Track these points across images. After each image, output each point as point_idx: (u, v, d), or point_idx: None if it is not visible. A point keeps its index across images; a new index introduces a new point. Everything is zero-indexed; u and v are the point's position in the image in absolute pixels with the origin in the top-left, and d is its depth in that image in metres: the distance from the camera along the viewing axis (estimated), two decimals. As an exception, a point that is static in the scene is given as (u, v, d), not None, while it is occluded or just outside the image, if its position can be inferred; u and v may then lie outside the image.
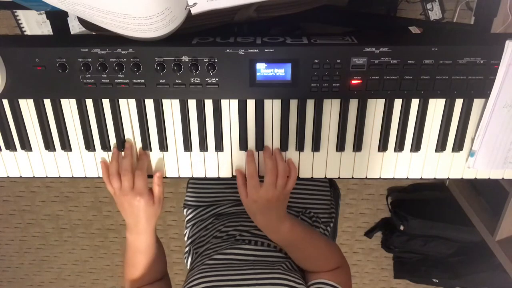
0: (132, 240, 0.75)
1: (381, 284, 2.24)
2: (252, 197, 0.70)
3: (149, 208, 0.72)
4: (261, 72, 0.65)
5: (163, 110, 0.70)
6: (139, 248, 0.76)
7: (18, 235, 2.24)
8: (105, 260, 2.29)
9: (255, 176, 0.71)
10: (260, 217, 0.73)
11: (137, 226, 0.74)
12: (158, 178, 0.73)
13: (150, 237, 0.76)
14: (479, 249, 1.73)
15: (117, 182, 0.71)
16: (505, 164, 0.72)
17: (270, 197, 0.69)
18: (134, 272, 0.78)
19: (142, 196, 0.71)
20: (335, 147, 0.72)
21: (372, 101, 0.68)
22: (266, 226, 0.74)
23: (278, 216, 0.72)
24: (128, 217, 0.74)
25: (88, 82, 0.66)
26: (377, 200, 2.00)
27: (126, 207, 0.72)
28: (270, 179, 0.69)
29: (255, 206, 0.71)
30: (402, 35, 0.82)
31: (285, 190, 0.71)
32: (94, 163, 0.74)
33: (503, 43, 0.62)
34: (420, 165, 0.73)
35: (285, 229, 0.73)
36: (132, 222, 0.74)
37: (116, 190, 0.71)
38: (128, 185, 0.70)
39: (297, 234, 0.75)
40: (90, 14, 0.55)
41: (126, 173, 0.70)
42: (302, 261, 0.78)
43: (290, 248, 0.77)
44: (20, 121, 0.71)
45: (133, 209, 0.72)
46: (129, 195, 0.71)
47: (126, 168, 0.70)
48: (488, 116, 0.68)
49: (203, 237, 0.89)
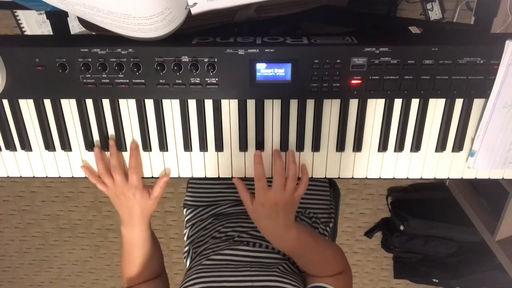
0: (127, 234, 0.76)
1: (381, 284, 2.24)
2: (260, 199, 0.69)
3: (144, 201, 0.73)
4: (261, 72, 0.65)
5: (163, 110, 0.70)
6: (134, 242, 0.76)
7: (18, 235, 2.24)
8: (105, 260, 2.29)
9: (263, 178, 0.69)
10: (267, 222, 0.70)
11: (131, 219, 0.74)
12: (163, 182, 0.74)
13: (145, 231, 0.76)
14: (479, 249, 1.73)
15: (109, 178, 0.71)
16: (505, 164, 0.72)
17: (279, 200, 0.68)
18: (131, 268, 0.79)
19: (137, 189, 0.72)
20: (335, 147, 0.72)
21: (372, 101, 0.68)
22: (272, 232, 0.72)
23: (285, 223, 0.70)
24: (123, 211, 0.74)
25: (88, 82, 0.66)
26: (377, 200, 2.00)
27: (121, 200, 0.73)
28: (279, 180, 0.68)
29: (262, 210, 0.69)
30: (402, 35, 0.82)
31: (294, 195, 0.69)
32: (94, 163, 0.74)
33: (503, 43, 0.62)
34: (420, 165, 0.73)
35: (291, 238, 0.71)
36: (126, 215, 0.74)
37: (109, 185, 0.72)
38: (121, 179, 0.71)
39: (304, 243, 0.73)
40: (90, 14, 0.55)
41: (116, 169, 0.71)
42: (306, 266, 0.77)
43: (294, 254, 0.76)
44: (20, 121, 0.71)
45: (128, 202, 0.72)
46: (124, 188, 0.71)
47: (115, 165, 0.71)
48: (488, 116, 0.68)
49: (202, 237, 0.89)
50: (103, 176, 0.72)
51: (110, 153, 0.72)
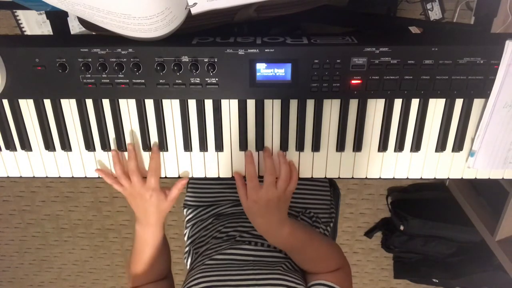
0: (142, 232, 0.76)
1: (381, 284, 2.24)
2: (252, 197, 0.70)
3: (160, 203, 0.74)
4: (261, 72, 0.65)
5: (163, 110, 0.70)
6: (147, 241, 0.77)
7: (18, 235, 2.24)
8: (105, 260, 2.29)
9: (255, 177, 0.71)
10: (260, 219, 0.72)
11: (147, 219, 0.75)
12: (182, 185, 0.75)
13: (159, 231, 0.77)
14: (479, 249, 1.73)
15: (126, 180, 0.72)
16: (505, 164, 0.72)
17: (271, 197, 0.69)
18: (139, 267, 0.79)
19: (154, 191, 0.72)
20: (335, 147, 0.72)
21: (372, 101, 0.68)
22: (266, 229, 0.73)
23: (279, 220, 0.72)
24: (139, 211, 0.75)
25: (88, 82, 0.66)
26: (377, 200, 2.00)
27: (138, 200, 0.74)
28: (270, 178, 0.69)
29: (255, 207, 0.71)
30: (402, 35, 0.82)
31: (286, 192, 0.71)
32: (94, 163, 0.74)
33: (503, 43, 0.62)
34: (420, 165, 0.73)
35: (285, 234, 0.73)
36: (142, 215, 0.75)
37: (126, 186, 0.73)
38: (138, 180, 0.72)
39: (298, 238, 0.74)
40: (90, 14, 0.55)
41: (133, 173, 0.72)
42: (302, 262, 0.78)
43: (289, 251, 0.77)
44: (20, 121, 0.71)
45: (145, 204, 0.73)
46: (141, 189, 0.72)
47: (133, 169, 0.71)
48: (488, 116, 0.68)
49: (203, 237, 0.89)
50: (120, 178, 0.73)
51: (129, 157, 0.72)
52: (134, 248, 0.79)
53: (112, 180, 0.74)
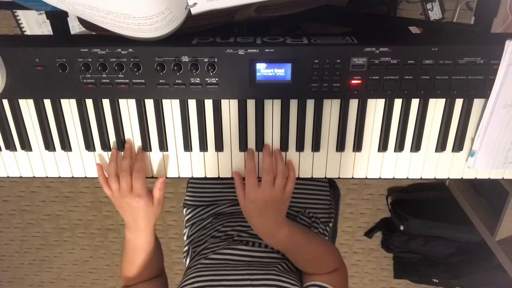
0: (131, 238, 0.76)
1: (381, 284, 2.24)
2: (250, 196, 0.69)
3: (148, 209, 0.72)
4: (261, 72, 0.65)
5: (163, 110, 0.70)
6: (137, 246, 0.76)
7: (18, 235, 2.24)
8: (105, 260, 2.29)
9: (254, 174, 0.70)
10: (257, 219, 0.71)
11: (136, 225, 0.74)
12: (160, 183, 0.73)
13: (149, 236, 0.76)
14: (479, 249, 1.73)
15: (115, 183, 0.71)
16: (505, 164, 0.72)
17: (268, 196, 0.69)
18: (131, 269, 0.78)
19: (141, 197, 0.71)
20: (335, 147, 0.72)
21: (372, 101, 0.68)
22: (263, 229, 0.73)
23: (276, 221, 0.71)
24: (127, 217, 0.74)
25: (88, 82, 0.66)
26: (377, 200, 2.00)
27: (125, 208, 0.72)
28: (267, 177, 0.69)
29: (253, 207, 0.70)
30: (402, 35, 0.82)
31: (284, 192, 0.70)
32: (94, 163, 0.74)
33: (503, 43, 0.62)
34: (420, 165, 0.73)
35: (282, 235, 0.72)
36: (131, 222, 0.74)
37: (114, 192, 0.71)
38: (127, 186, 0.70)
39: (295, 240, 0.74)
40: (90, 14, 0.55)
41: (124, 175, 0.70)
42: (298, 263, 0.78)
43: (286, 251, 0.77)
44: (20, 121, 0.71)
45: (132, 210, 0.72)
46: (128, 196, 0.71)
47: (125, 170, 0.70)
48: (488, 116, 0.68)
49: (202, 237, 0.89)
50: (110, 179, 0.71)
51: (124, 155, 0.71)
52: (125, 252, 0.78)
53: (104, 180, 0.72)
